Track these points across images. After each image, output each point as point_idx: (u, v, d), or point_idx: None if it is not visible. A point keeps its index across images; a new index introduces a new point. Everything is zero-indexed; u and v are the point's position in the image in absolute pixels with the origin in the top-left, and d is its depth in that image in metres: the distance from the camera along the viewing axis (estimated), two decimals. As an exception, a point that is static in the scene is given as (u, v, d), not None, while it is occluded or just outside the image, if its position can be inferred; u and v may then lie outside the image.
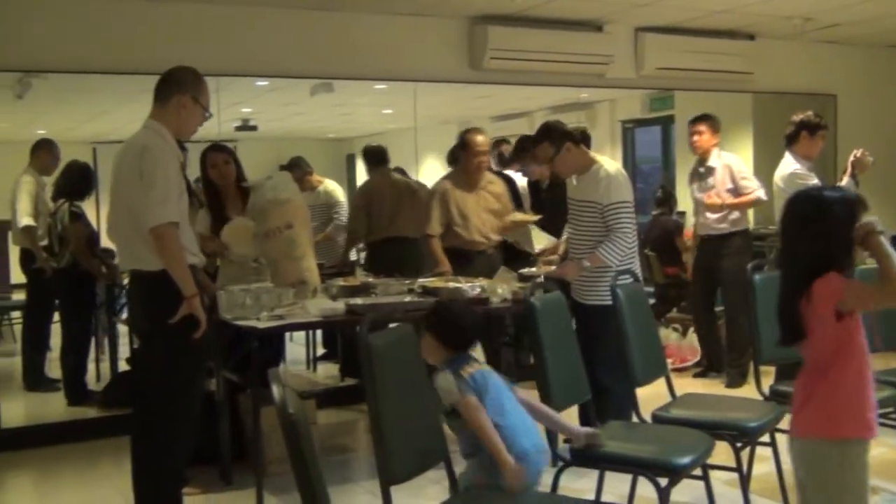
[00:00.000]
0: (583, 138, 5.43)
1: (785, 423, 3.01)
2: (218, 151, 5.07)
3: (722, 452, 3.63)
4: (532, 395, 3.34)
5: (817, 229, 2.60)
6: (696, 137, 6.37)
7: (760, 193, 6.25)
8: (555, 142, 4.77)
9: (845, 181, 5.38)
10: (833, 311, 2.57)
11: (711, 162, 6.35)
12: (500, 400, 3.06)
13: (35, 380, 6.11)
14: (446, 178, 5.79)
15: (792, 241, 2.68)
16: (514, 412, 3.08)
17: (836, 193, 2.71)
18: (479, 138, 5.58)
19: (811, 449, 2.67)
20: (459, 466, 3.11)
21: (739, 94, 7.52)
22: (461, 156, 5.67)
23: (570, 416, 4.96)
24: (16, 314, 6.35)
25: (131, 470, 3.95)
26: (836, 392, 2.63)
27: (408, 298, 4.70)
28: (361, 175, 7.91)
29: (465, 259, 5.52)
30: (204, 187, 5.09)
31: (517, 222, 5.79)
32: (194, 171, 5.06)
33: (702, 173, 6.39)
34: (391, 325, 3.21)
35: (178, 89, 3.77)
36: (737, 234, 6.36)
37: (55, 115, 6.27)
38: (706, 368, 6.66)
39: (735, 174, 6.33)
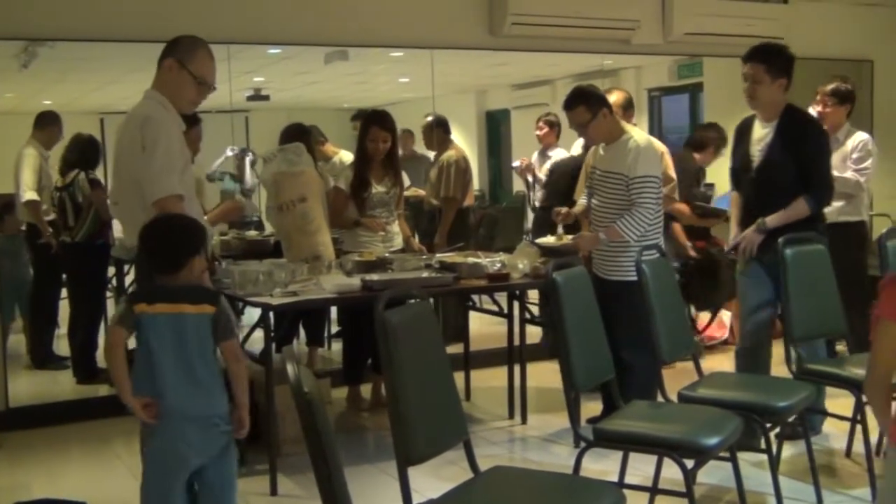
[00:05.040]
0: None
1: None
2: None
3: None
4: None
5: None
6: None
7: None
8: (591, 107, 4.60)
9: None
10: None
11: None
12: (160, 355, 2.92)
13: (43, 357, 6.02)
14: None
15: None
16: (172, 371, 2.93)
17: None
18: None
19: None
20: (479, 447, 3.05)
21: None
22: None
23: (594, 396, 4.89)
24: (23, 290, 6.23)
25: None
26: None
27: (425, 274, 4.61)
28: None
29: None
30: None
31: None
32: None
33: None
34: (408, 302, 3.09)
35: (168, 52, 3.64)
36: None
37: (62, 86, 6.17)
38: None
39: None
